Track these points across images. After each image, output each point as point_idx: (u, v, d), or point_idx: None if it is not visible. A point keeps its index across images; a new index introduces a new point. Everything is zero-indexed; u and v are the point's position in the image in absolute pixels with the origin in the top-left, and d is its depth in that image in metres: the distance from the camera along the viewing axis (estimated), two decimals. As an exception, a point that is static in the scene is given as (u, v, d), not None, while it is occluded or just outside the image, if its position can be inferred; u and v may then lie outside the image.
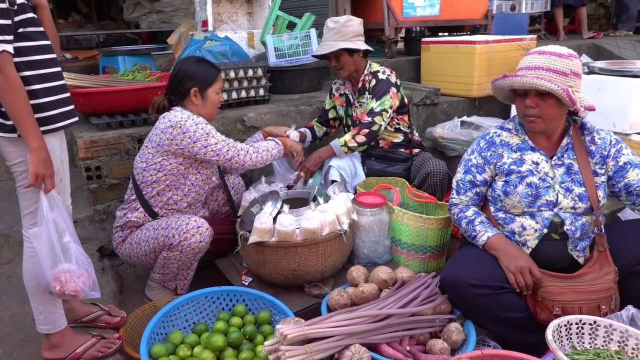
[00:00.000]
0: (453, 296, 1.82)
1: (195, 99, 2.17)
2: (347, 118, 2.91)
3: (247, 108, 3.19)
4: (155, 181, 2.15)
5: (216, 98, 2.22)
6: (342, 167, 2.56)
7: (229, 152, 2.13)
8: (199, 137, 2.07)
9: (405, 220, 2.31)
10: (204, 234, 2.07)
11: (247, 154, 2.18)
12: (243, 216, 2.24)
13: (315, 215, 2.04)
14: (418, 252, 2.33)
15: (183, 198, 2.23)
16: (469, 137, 3.26)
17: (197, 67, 2.18)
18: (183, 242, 2.04)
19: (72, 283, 1.61)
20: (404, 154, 2.81)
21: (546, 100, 1.72)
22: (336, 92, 2.94)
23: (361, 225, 2.28)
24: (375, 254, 2.33)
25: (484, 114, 3.96)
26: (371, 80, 2.71)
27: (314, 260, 2.06)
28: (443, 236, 2.33)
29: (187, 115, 2.09)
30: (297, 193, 2.43)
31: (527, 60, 1.75)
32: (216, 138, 2.11)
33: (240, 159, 2.16)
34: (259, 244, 2.04)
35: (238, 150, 2.16)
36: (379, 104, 2.64)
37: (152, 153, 2.13)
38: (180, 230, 2.04)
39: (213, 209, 2.57)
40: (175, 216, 2.14)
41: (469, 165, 1.95)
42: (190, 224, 2.06)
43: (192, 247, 2.06)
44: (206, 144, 2.08)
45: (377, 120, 2.62)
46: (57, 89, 1.62)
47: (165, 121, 2.09)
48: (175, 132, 2.06)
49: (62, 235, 1.61)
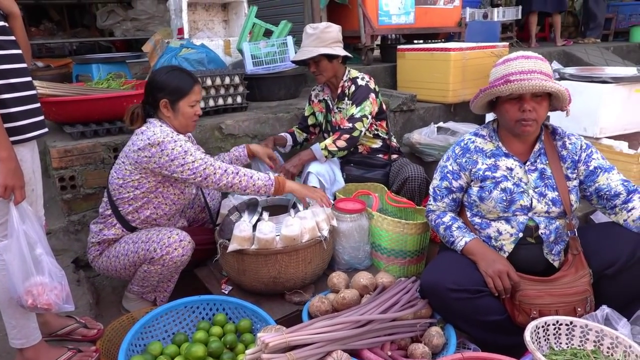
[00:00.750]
0: (433, 300, 1.83)
1: (166, 110, 2.09)
2: (327, 124, 2.91)
3: (224, 116, 3.18)
4: (132, 198, 2.09)
5: (189, 111, 2.10)
6: (321, 173, 2.56)
7: (205, 170, 2.02)
8: (177, 155, 1.99)
9: (384, 225, 2.32)
10: (186, 248, 2.04)
11: (224, 173, 2.05)
12: (222, 224, 2.22)
13: (295, 222, 2.03)
14: (398, 257, 2.34)
15: (161, 215, 2.18)
16: (445, 142, 3.30)
17: (169, 78, 2.08)
18: (165, 256, 2.00)
19: (45, 296, 1.57)
20: (382, 160, 2.83)
21: (541, 103, 1.75)
22: (315, 98, 2.95)
23: (341, 231, 2.28)
24: (355, 260, 2.33)
25: (460, 119, 4.02)
26: (350, 86, 2.73)
27: (294, 267, 2.05)
28: (422, 241, 2.35)
29: (166, 133, 2.01)
30: (277, 200, 2.42)
31: (517, 65, 1.75)
32: (194, 156, 2.02)
33: (216, 178, 2.04)
34: (238, 252, 2.03)
35: (215, 169, 2.04)
36: (359, 109, 2.65)
37: (129, 170, 2.06)
38: (162, 244, 2.00)
39: (190, 217, 2.54)
40: (156, 229, 2.10)
41: (445, 172, 1.97)
42: (172, 237, 2.02)
43: (175, 261, 2.03)
44: (183, 162, 2.00)
45: (358, 126, 2.63)
46: (27, 99, 1.59)
47: (144, 138, 2.01)
48: (154, 150, 1.98)
49: (34, 247, 1.57)
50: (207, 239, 2.31)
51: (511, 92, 1.72)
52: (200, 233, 2.35)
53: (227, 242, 2.05)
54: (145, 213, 2.13)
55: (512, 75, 1.73)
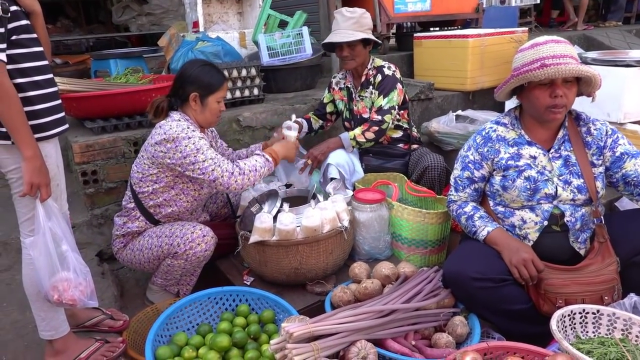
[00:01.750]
0: (456, 290, 1.82)
1: (194, 104, 2.11)
2: (348, 112, 2.90)
3: (241, 108, 3.18)
4: (152, 192, 2.12)
5: (216, 107, 2.14)
6: (340, 164, 2.56)
7: (213, 172, 2.02)
8: (189, 153, 2.00)
9: (404, 215, 2.31)
10: (209, 243, 2.06)
11: (231, 176, 2.05)
12: (243, 216, 2.24)
13: (316, 213, 2.03)
14: (419, 247, 2.33)
15: (183, 211, 2.20)
16: (464, 130, 3.27)
17: (202, 72, 2.11)
18: (188, 251, 2.03)
19: (70, 292, 1.60)
20: (401, 150, 2.82)
21: (571, 88, 1.71)
22: (336, 85, 2.93)
23: (361, 221, 2.28)
24: (376, 250, 2.33)
25: (478, 107, 3.97)
26: (376, 75, 2.71)
27: (315, 258, 2.06)
28: (443, 230, 2.34)
29: (182, 128, 2.01)
30: (297, 191, 2.43)
31: (547, 49, 1.70)
32: (205, 155, 2.01)
33: (224, 181, 2.04)
34: (259, 244, 2.04)
35: (223, 172, 2.03)
36: (387, 101, 2.64)
37: (147, 164, 2.09)
38: (185, 239, 2.02)
39: (212, 212, 2.56)
40: (179, 223, 2.12)
41: (466, 162, 1.95)
42: (196, 232, 2.04)
43: (198, 256, 2.05)
44: (194, 160, 2.00)
45: (387, 118, 2.62)
46: (50, 96, 1.61)
47: (161, 132, 2.02)
48: (169, 145, 2.00)
49: (60, 243, 1.60)
50: (229, 234, 2.32)
51: (547, 77, 1.66)
52: (222, 228, 2.37)
53: (248, 234, 2.07)
54: (167, 209, 2.16)
55: (546, 59, 1.67)
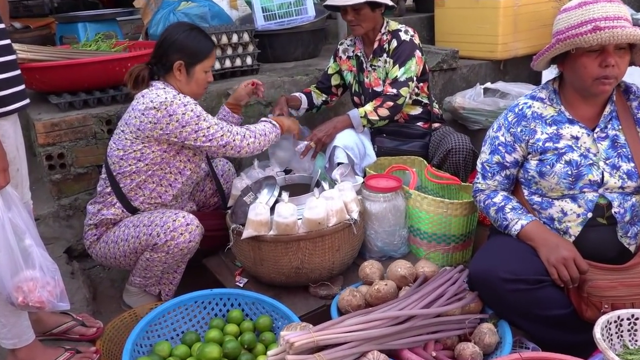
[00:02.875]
0: (484, 293, 1.82)
1: (179, 74, 2.14)
2: (357, 85, 2.89)
3: (232, 80, 3.17)
4: (134, 172, 2.13)
5: (203, 77, 2.19)
6: (349, 146, 2.56)
7: (223, 137, 2.12)
8: (189, 121, 2.05)
9: (424, 205, 2.31)
10: (193, 233, 2.06)
11: (243, 138, 2.18)
12: (234, 207, 2.24)
13: (320, 203, 2.04)
14: (440, 243, 2.34)
15: (168, 190, 2.21)
16: (494, 106, 3.25)
17: (188, 37, 2.13)
18: (169, 242, 2.03)
19: (37, 293, 1.60)
20: (421, 129, 2.81)
21: (623, 57, 1.69)
22: (343, 53, 2.92)
23: (373, 213, 2.28)
24: (390, 247, 2.33)
25: (511, 79, 3.94)
26: (391, 41, 2.69)
27: (319, 256, 2.07)
28: (469, 223, 2.34)
29: (173, 95, 2.06)
30: (298, 178, 2.43)
31: (599, 9, 1.66)
32: (208, 121, 2.10)
33: (236, 145, 2.16)
34: (254, 239, 2.04)
35: (234, 135, 2.15)
36: (404, 71, 2.63)
37: (130, 139, 2.10)
38: (166, 228, 2.03)
39: (200, 201, 2.57)
40: (160, 211, 2.13)
41: (496, 144, 1.95)
42: (178, 220, 2.05)
43: (180, 248, 2.05)
44: (197, 128, 2.07)
45: (403, 92, 2.61)
46: (8, 65, 1.58)
47: (146, 101, 2.05)
48: (160, 114, 2.02)
49: (22, 237, 1.59)
50: (218, 225, 2.33)
51: (600, 42, 1.62)
52: (210, 217, 2.38)
53: (241, 228, 2.07)
54: (149, 187, 2.17)
55: (599, 21, 1.63)
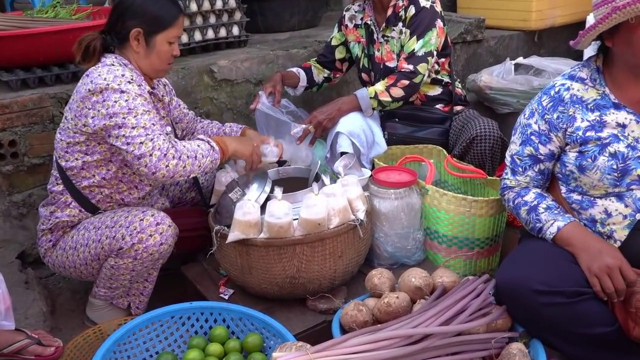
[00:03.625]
0: (514, 307, 1.82)
1: (137, 44, 2.10)
2: (366, 59, 2.88)
3: (216, 54, 3.17)
4: (84, 168, 2.12)
5: (166, 49, 2.14)
6: (354, 133, 2.55)
7: (141, 146, 1.96)
8: (117, 112, 1.97)
9: (443, 203, 2.31)
10: (165, 234, 2.06)
11: (163, 157, 1.97)
12: (218, 205, 2.24)
13: (320, 201, 2.03)
14: (462, 248, 2.34)
15: (133, 192, 2.22)
16: (527, 86, 3.25)
17: (148, 1, 2.09)
18: (137, 245, 2.03)
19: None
20: (440, 113, 2.81)
21: None
22: (350, 21, 2.91)
23: (383, 212, 2.28)
24: (403, 252, 2.34)
25: (547, 52, 3.94)
26: (408, 7, 2.68)
27: (319, 263, 2.07)
28: (496, 225, 2.34)
29: (114, 76, 2.00)
30: (293, 171, 2.43)
31: None
32: (137, 120, 1.97)
33: (151, 163, 1.96)
34: (242, 243, 2.04)
35: (153, 148, 1.97)
36: (423, 44, 2.62)
37: (72, 129, 2.08)
38: (132, 229, 2.03)
39: (174, 197, 2.57)
40: (125, 210, 2.13)
41: (528, 133, 1.95)
42: (147, 220, 2.04)
43: (150, 252, 2.05)
44: (121, 123, 1.96)
45: (421, 68, 2.61)
46: None
47: (87, 82, 2.02)
48: (95, 98, 1.99)
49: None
50: (196, 223, 2.33)
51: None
52: (186, 215, 2.37)
53: (226, 230, 2.07)
54: (104, 191, 2.17)
55: None
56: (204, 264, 2.42)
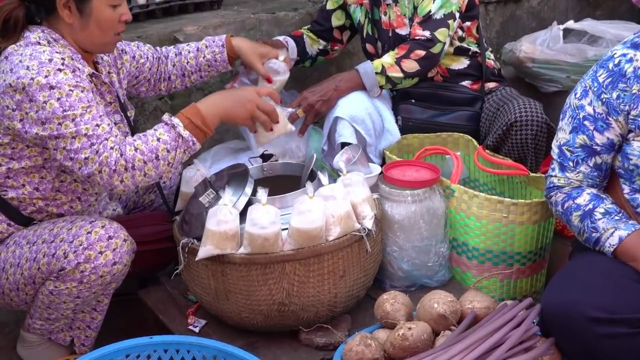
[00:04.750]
0: (564, 339, 1.82)
1: (68, 14, 2.06)
2: (370, 26, 2.89)
3: (182, 18, 3.18)
4: (10, 176, 2.11)
5: (109, 15, 2.10)
6: (358, 118, 2.55)
7: (87, 163, 1.95)
8: (49, 116, 1.94)
9: (474, 208, 2.31)
10: (119, 250, 2.04)
11: (114, 174, 1.97)
12: (186, 212, 2.24)
13: (315, 206, 2.02)
14: (499, 265, 2.34)
15: (73, 204, 2.21)
16: (579, 57, 3.26)
17: None
18: (83, 265, 2.01)
19: None
20: (468, 91, 2.82)
21: None
22: None
23: (397, 220, 2.29)
24: (422, 271, 2.34)
25: (604, 15, 3.95)
26: None
27: (315, 286, 2.07)
28: (541, 234, 2.34)
29: (39, 63, 1.96)
30: (281, 167, 2.42)
31: None
32: (76, 125, 1.95)
33: (103, 180, 1.97)
34: (216, 260, 2.04)
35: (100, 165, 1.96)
36: (441, 3, 2.64)
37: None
38: (77, 244, 2.01)
39: (128, 200, 2.57)
40: (67, 219, 2.12)
41: (581, 118, 1.95)
42: (96, 232, 2.02)
43: (100, 274, 2.03)
44: (57, 133, 1.95)
45: (440, 35, 2.62)
46: None
47: (6, 70, 1.99)
48: (19, 97, 1.96)
49: None
50: (158, 233, 2.33)
51: None
52: (145, 222, 2.37)
53: (196, 244, 2.06)
54: (40, 203, 2.15)
55: None
56: (167, 287, 2.41)
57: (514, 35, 3.66)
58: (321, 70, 3.11)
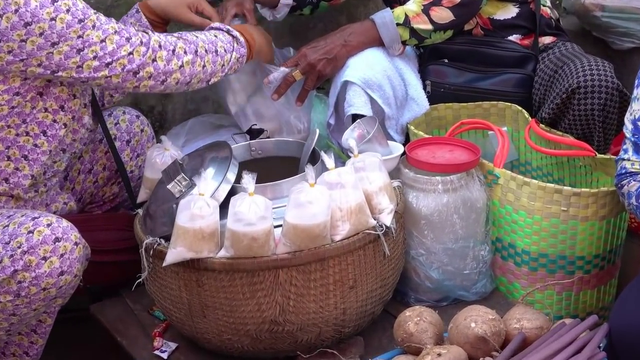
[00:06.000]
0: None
1: None
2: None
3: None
4: None
5: None
6: (372, 82, 2.56)
7: (133, 56, 2.02)
8: (64, 31, 1.97)
9: (524, 199, 2.32)
10: (69, 256, 2.04)
11: (172, 56, 2.11)
12: (150, 203, 2.25)
13: (318, 196, 2.02)
14: (555, 273, 2.35)
15: (22, 167, 2.22)
16: (663, 4, 3.26)
17: None
18: (22, 273, 2.00)
19: None
20: (517, 48, 2.83)
21: None
22: None
23: (424, 214, 2.30)
24: (457, 280, 2.35)
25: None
26: None
27: (317, 299, 2.08)
28: (610, 234, 2.34)
29: None
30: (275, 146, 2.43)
31: None
32: (101, 27, 2.03)
33: (159, 70, 2.11)
34: (190, 266, 2.04)
35: (154, 50, 2.09)
36: None
37: None
38: (15, 247, 2.00)
39: (84, 191, 2.59)
40: (4, 214, 2.12)
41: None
42: (39, 231, 2.01)
43: (43, 286, 2.03)
44: (82, 44, 1.99)
45: None
46: None
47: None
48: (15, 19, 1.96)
49: None
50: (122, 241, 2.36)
51: None
52: (107, 226, 2.41)
53: (164, 244, 2.07)
54: None
55: None
56: (127, 301, 2.43)
57: (579, -24, 3.66)
58: (327, 21, 3.11)
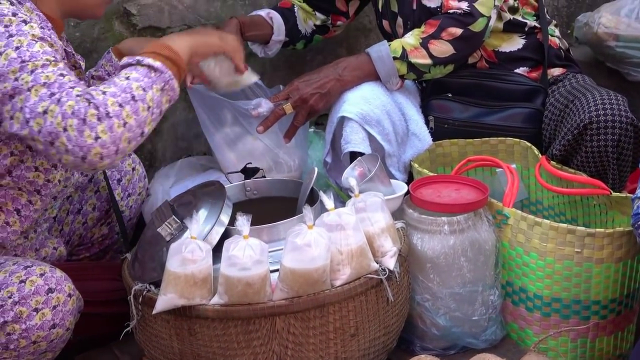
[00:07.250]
0: None
1: None
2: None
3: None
4: None
5: None
6: (371, 118, 2.57)
7: (47, 119, 1.88)
8: (3, 71, 1.93)
9: (535, 240, 2.31)
10: (62, 309, 2.05)
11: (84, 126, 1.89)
12: (139, 247, 2.25)
13: (317, 239, 2.02)
14: (569, 318, 2.34)
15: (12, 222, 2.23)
16: (679, 33, 3.27)
17: None
18: (11, 325, 2.01)
19: None
20: (525, 81, 2.83)
21: None
22: None
23: (429, 257, 2.30)
24: (465, 327, 2.35)
25: None
26: None
27: (317, 348, 2.07)
28: (627, 277, 2.34)
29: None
30: (270, 186, 2.43)
31: None
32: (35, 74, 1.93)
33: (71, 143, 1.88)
34: (181, 314, 2.04)
35: (64, 115, 1.88)
36: None
37: None
38: (5, 297, 2.01)
39: (73, 233, 2.59)
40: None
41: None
42: (31, 281, 2.02)
43: (33, 340, 2.03)
44: (12, 90, 1.91)
45: (483, 7, 2.63)
46: None
47: None
48: None
49: None
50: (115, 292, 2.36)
51: None
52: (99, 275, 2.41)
53: (154, 291, 2.07)
54: None
55: None
56: (115, 351, 2.43)
57: (591, 4, 3.68)
58: (326, 53, 3.12)
